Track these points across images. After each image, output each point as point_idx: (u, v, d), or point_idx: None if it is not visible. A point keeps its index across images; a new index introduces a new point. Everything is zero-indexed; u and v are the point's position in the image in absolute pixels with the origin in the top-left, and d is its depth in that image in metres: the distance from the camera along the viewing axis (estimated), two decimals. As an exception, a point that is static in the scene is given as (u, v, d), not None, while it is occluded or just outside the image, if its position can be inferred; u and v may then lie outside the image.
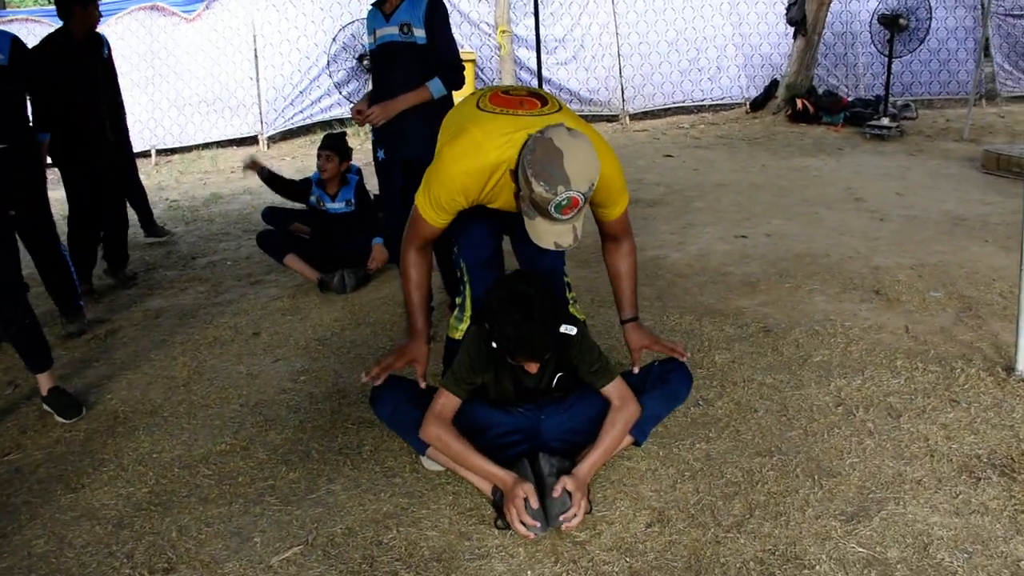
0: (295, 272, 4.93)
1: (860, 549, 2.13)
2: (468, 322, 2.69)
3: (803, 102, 9.82)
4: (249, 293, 4.89)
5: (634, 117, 11.25)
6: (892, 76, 9.15)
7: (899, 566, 2.06)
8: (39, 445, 3.18)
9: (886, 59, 8.93)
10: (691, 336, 3.58)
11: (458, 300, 2.80)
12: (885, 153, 7.91)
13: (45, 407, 3.39)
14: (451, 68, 3.86)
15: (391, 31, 3.85)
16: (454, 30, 4.03)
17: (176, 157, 11.45)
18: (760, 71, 11.23)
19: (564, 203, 2.12)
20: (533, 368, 2.42)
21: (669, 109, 11.40)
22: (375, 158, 4.02)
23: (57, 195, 4.87)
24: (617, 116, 11.29)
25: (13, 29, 10.99)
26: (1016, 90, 11.11)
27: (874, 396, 2.91)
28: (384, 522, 2.40)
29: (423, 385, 2.62)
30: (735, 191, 6.49)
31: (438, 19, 3.83)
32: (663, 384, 2.60)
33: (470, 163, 2.33)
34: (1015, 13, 11.08)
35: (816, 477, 2.44)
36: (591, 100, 11.38)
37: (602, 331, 3.68)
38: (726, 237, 5.14)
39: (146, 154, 11.37)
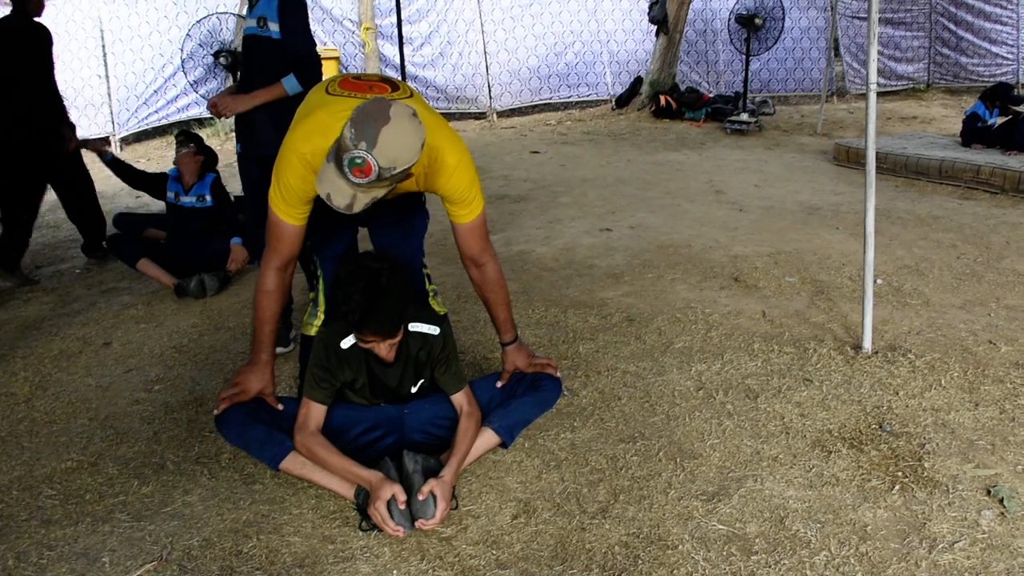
0: (150, 278, 4.69)
1: (720, 526, 2.19)
2: (322, 317, 2.62)
3: (666, 99, 10.13)
4: (100, 302, 4.62)
5: (501, 115, 11.33)
6: (751, 73, 9.59)
7: (757, 540, 2.13)
8: None
9: (744, 57, 9.32)
10: (556, 328, 3.61)
11: (311, 295, 2.73)
12: (744, 147, 8.25)
13: None
14: (306, 64, 3.76)
15: (251, 24, 3.75)
16: (316, 26, 3.94)
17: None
18: (625, 68, 11.52)
19: (358, 162, 2.03)
20: (385, 352, 2.37)
21: (536, 106, 11.54)
22: (236, 152, 3.90)
23: None
24: (484, 113, 11.33)
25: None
26: (863, 88, 11.83)
27: (733, 379, 3.02)
28: (244, 531, 2.30)
29: (280, 407, 2.56)
30: (601, 186, 6.62)
31: (291, 13, 3.73)
32: (534, 391, 2.63)
33: (316, 143, 2.26)
34: (861, 16, 11.81)
35: (678, 460, 2.50)
36: (458, 97, 11.37)
37: (467, 326, 3.67)
38: (591, 231, 5.22)
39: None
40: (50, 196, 6.25)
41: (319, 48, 3.91)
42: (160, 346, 3.83)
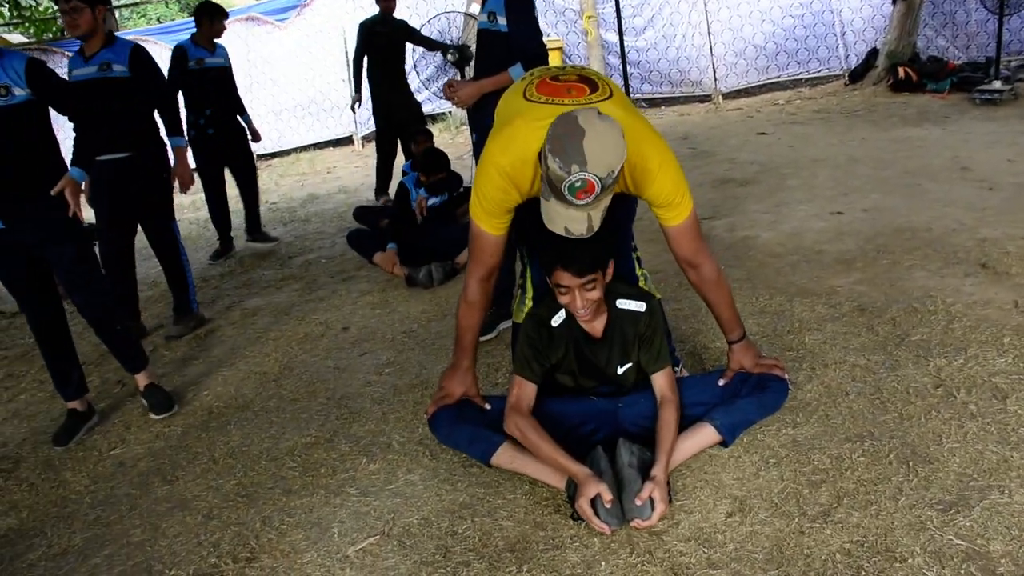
0: (385, 271, 5.02)
1: (958, 541, 1.98)
2: (530, 304, 2.66)
3: (905, 70, 9.33)
4: (340, 289, 4.99)
5: (727, 96, 10.95)
6: (1010, 34, 8.53)
7: (1003, 561, 1.91)
8: (140, 440, 3.33)
9: (997, 16, 8.38)
10: (780, 317, 3.44)
11: (519, 282, 2.78)
12: (996, 119, 7.42)
13: (143, 402, 3.54)
14: (532, 55, 3.86)
15: (483, 19, 3.91)
16: (539, 17, 4.03)
17: (276, 161, 11.82)
18: (861, 37, 10.67)
19: (578, 185, 2.02)
20: (582, 306, 2.32)
21: (764, 85, 11.04)
22: (472, 141, 4.12)
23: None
24: (710, 96, 11.00)
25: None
26: None
27: (978, 376, 2.72)
28: (460, 512, 2.39)
29: (487, 407, 2.64)
30: (832, 166, 6.22)
31: (517, 6, 3.84)
32: (760, 391, 2.52)
33: (515, 155, 2.27)
34: None
35: (911, 464, 2.29)
36: (682, 81, 11.13)
37: (688, 315, 3.59)
38: (821, 214, 4.92)
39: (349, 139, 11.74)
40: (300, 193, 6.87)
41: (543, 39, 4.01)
42: (392, 331, 4.07)
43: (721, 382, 2.58)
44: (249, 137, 6.42)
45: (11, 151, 3.18)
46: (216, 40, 6.12)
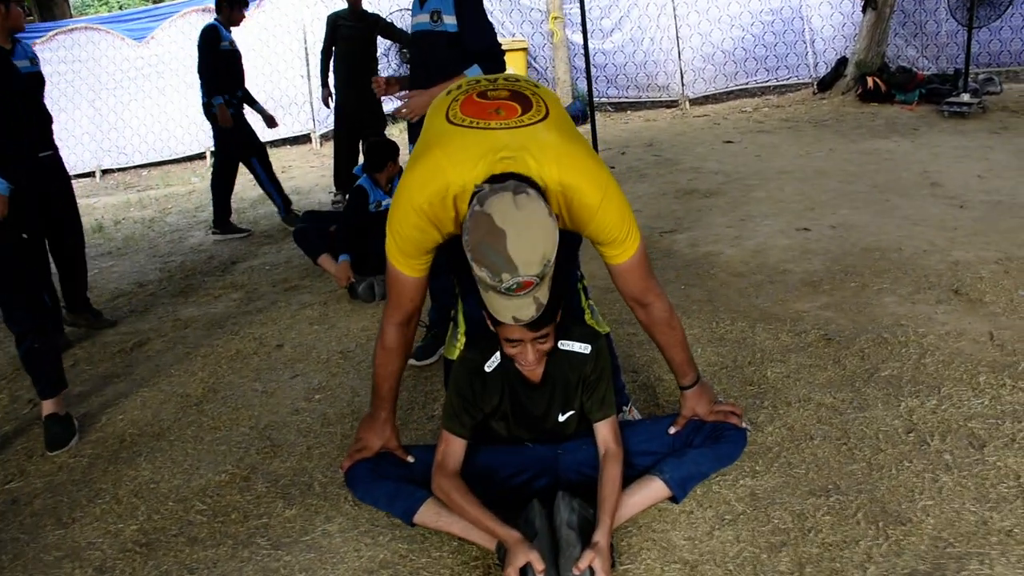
0: (330, 276, 4.72)
1: (934, 619, 1.76)
2: (463, 339, 2.40)
3: (874, 80, 9.21)
4: (280, 301, 4.71)
5: (694, 102, 10.78)
6: (978, 46, 8.42)
7: (983, 643, 1.69)
8: (41, 472, 3.01)
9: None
10: (742, 346, 3.21)
11: (452, 313, 2.52)
12: (965, 132, 7.30)
13: (45, 431, 3.24)
14: (487, 56, 3.61)
15: (423, 19, 3.65)
16: (504, 17, 3.79)
17: (230, 158, 11.44)
18: (830, 45, 10.53)
19: (514, 286, 1.81)
20: (532, 360, 2.09)
21: (731, 92, 10.89)
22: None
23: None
24: (676, 101, 10.83)
25: (73, 39, 11.24)
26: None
27: (952, 420, 2.50)
28: (378, 572, 2.12)
29: (409, 459, 2.37)
30: (799, 178, 6.04)
31: (468, 4, 3.59)
32: (715, 442, 2.28)
33: (433, 191, 2.00)
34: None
35: (881, 524, 2.06)
36: (649, 85, 10.94)
37: (643, 340, 3.35)
38: (787, 230, 4.72)
39: (200, 156, 11.41)
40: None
41: (508, 40, 3.76)
42: (328, 351, 3.79)
43: (672, 430, 2.33)
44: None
45: None
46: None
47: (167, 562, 2.31)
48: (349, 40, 6.92)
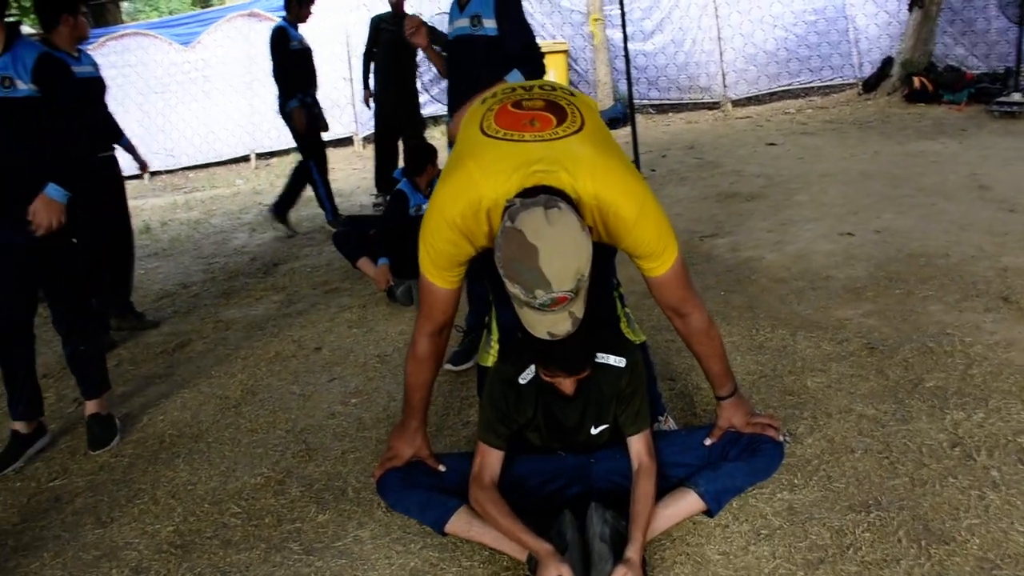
0: (369, 279, 4.74)
1: (978, 644, 1.70)
2: (497, 347, 2.39)
3: (921, 80, 9.02)
4: (320, 303, 4.74)
5: (736, 104, 10.66)
6: (1025, 45, 8.20)
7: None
8: (84, 471, 3.07)
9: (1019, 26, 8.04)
10: (782, 355, 3.16)
11: (486, 320, 2.51)
12: (1016, 133, 7.10)
13: (88, 429, 3.30)
14: (526, 60, 3.60)
15: (463, 23, 3.66)
16: (544, 19, 3.80)
17: (275, 160, 11.60)
18: (876, 45, 10.31)
19: (548, 302, 1.79)
20: (569, 387, 2.10)
21: (774, 93, 10.74)
22: None
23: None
24: (718, 103, 10.71)
25: (123, 44, 11.48)
26: None
27: (1000, 435, 2.42)
28: (409, 581, 2.12)
29: (441, 468, 2.36)
30: (842, 181, 5.92)
31: (509, 7, 3.59)
32: (751, 455, 2.22)
33: (466, 205, 1.98)
34: None
35: (923, 543, 1.99)
36: (691, 87, 10.84)
37: (681, 347, 3.29)
38: (830, 235, 4.63)
39: (245, 158, 11.56)
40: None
41: (548, 42, 3.76)
42: (365, 354, 3.81)
43: (708, 441, 2.29)
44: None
45: (7, 146, 3.01)
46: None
47: (201, 564, 2.34)
48: (390, 43, 6.95)
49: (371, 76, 7.25)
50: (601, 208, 1.95)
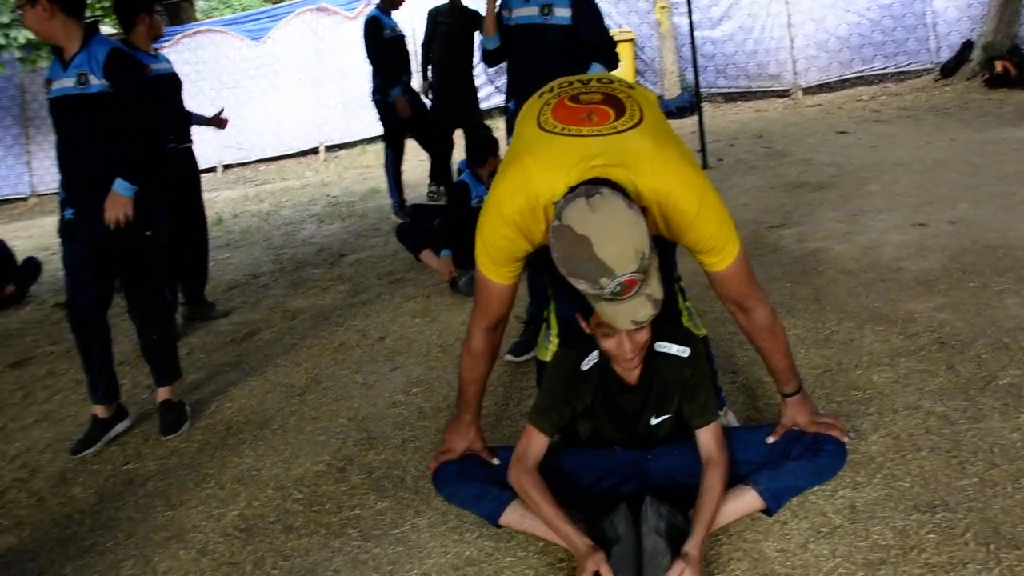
0: (432, 270, 4.79)
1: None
2: (556, 340, 2.38)
3: (1003, 64, 8.67)
4: (385, 293, 4.81)
5: (807, 91, 10.41)
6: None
7: None
8: (156, 455, 3.18)
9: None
10: (847, 349, 3.08)
11: (545, 314, 2.51)
12: (1106, 119, 6.79)
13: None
14: (606, 48, 3.58)
15: (530, 12, 3.61)
16: (610, 7, 3.82)
17: (343, 152, 11.78)
18: (954, 28, 9.92)
19: (618, 290, 1.77)
20: (629, 353, 2.03)
21: (847, 80, 10.44)
22: None
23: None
24: (788, 91, 10.48)
25: (197, 41, 11.80)
26: None
27: (1078, 435, 2.33)
28: (464, 569, 2.14)
29: (495, 461, 2.36)
30: (917, 170, 5.74)
31: None
32: (814, 454, 2.17)
33: (523, 202, 1.98)
34: None
35: (992, 547, 1.92)
36: (760, 75, 10.63)
37: (743, 340, 3.25)
38: (902, 226, 4.49)
39: (314, 151, 11.77)
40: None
41: (615, 31, 3.74)
42: (428, 344, 3.85)
43: (770, 439, 2.24)
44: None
45: (83, 140, 3.14)
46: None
47: (263, 548, 2.40)
48: (447, 36, 7.00)
49: (429, 68, 7.31)
50: (661, 203, 1.94)
